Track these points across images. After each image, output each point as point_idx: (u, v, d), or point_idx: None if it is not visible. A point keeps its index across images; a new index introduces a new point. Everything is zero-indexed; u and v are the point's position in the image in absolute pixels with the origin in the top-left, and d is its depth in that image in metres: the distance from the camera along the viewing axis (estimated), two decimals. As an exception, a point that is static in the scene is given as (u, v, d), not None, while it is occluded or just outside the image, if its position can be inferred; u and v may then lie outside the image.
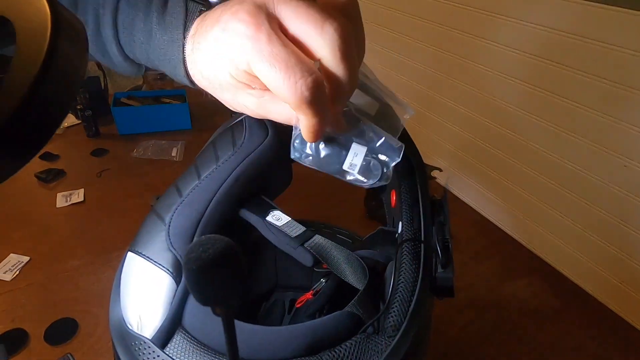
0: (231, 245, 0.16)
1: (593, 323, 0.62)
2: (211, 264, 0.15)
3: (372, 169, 0.28)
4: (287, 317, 0.49)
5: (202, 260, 0.15)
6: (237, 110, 0.30)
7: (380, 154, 0.28)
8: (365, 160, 0.28)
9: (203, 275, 0.15)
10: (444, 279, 0.29)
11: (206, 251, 0.15)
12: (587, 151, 0.62)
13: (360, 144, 0.28)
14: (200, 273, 0.15)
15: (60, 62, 0.15)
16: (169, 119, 1.00)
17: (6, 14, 0.16)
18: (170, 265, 0.29)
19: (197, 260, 0.15)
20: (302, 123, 0.24)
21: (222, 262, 0.16)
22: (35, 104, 0.14)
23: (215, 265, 0.15)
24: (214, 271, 0.15)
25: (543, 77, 0.64)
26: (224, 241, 0.16)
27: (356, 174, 0.28)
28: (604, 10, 0.54)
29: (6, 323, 0.55)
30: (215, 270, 0.16)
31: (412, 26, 0.85)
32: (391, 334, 0.26)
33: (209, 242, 0.16)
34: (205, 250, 0.15)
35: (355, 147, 0.28)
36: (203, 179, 0.34)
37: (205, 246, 0.16)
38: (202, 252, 0.15)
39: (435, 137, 0.89)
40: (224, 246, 0.16)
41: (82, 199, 0.78)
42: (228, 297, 0.16)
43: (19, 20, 0.15)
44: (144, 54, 0.31)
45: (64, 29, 0.15)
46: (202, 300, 0.16)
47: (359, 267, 0.35)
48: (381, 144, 0.27)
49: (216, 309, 0.17)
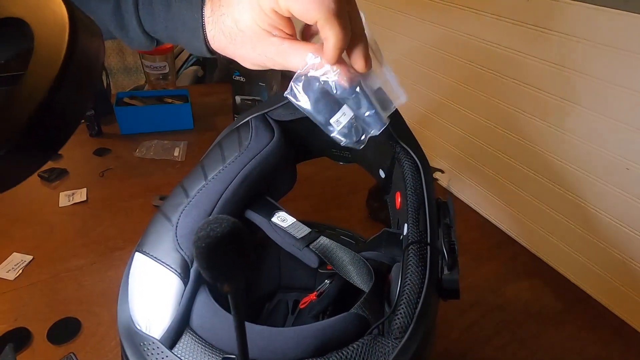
0: (238, 225, 0.17)
1: (595, 326, 0.62)
2: (220, 242, 0.16)
3: (352, 132, 0.31)
4: (291, 317, 0.49)
5: (211, 238, 0.16)
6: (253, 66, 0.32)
7: (364, 122, 0.31)
8: (350, 122, 0.31)
9: (212, 252, 0.16)
10: (450, 281, 0.30)
11: (214, 230, 0.16)
12: (589, 153, 0.62)
13: (351, 108, 0.31)
14: (209, 250, 0.16)
15: (77, 67, 0.15)
16: (172, 119, 1.00)
17: (24, 16, 0.16)
18: (177, 265, 0.29)
19: (206, 238, 0.16)
20: (330, 41, 0.26)
21: (230, 240, 0.16)
22: (52, 109, 0.14)
23: (223, 243, 0.16)
24: (222, 248, 0.16)
25: (545, 79, 0.64)
26: (231, 220, 0.16)
27: (337, 129, 0.31)
28: (594, 11, 0.55)
29: (10, 322, 0.55)
30: (224, 247, 0.16)
31: (415, 27, 0.86)
32: (398, 335, 0.27)
33: (217, 222, 0.16)
34: (213, 229, 0.16)
35: (345, 109, 0.31)
36: (210, 180, 0.34)
37: (213, 225, 0.16)
38: (211, 230, 0.16)
39: (437, 138, 0.89)
40: (231, 225, 0.16)
41: (85, 198, 0.78)
42: (236, 274, 0.17)
43: (37, 23, 0.15)
44: (163, 24, 0.32)
45: (81, 33, 0.15)
46: (211, 277, 0.17)
47: (365, 269, 0.35)
48: (370, 115, 0.31)
49: (225, 287, 0.17)
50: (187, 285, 0.29)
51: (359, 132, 0.31)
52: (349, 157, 0.47)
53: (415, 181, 0.35)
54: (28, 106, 0.14)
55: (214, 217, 0.17)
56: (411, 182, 0.35)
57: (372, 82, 0.31)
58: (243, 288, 0.18)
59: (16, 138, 0.14)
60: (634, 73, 0.54)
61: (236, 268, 0.17)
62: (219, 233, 0.16)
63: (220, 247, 0.16)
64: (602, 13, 0.55)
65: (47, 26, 0.15)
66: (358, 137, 0.31)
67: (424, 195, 0.34)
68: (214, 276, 0.17)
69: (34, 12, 0.16)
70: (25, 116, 0.14)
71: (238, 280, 0.17)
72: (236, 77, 0.93)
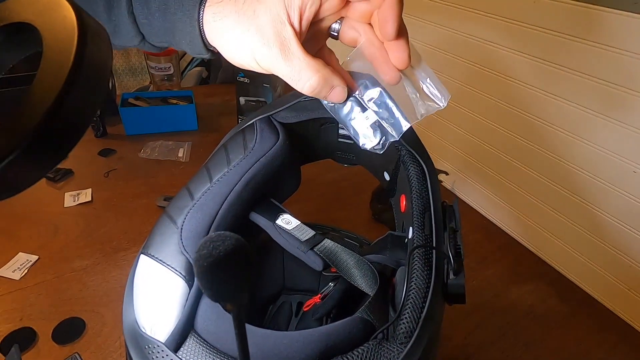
0: (241, 243, 0.16)
1: (601, 329, 0.61)
2: (222, 261, 0.16)
3: (370, 136, 0.32)
4: (295, 320, 0.49)
5: (213, 257, 0.15)
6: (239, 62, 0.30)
7: (386, 127, 0.31)
8: (372, 126, 0.31)
9: (214, 271, 0.16)
10: (456, 286, 0.29)
11: (217, 248, 0.16)
12: (595, 156, 0.61)
13: (375, 112, 0.31)
14: (211, 270, 0.15)
15: (86, 71, 0.15)
16: (176, 120, 1.00)
17: (33, 21, 0.16)
18: (182, 268, 0.29)
19: (208, 257, 0.15)
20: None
21: (232, 259, 0.16)
22: (61, 113, 0.14)
23: (225, 262, 0.16)
24: (224, 268, 0.16)
25: (551, 81, 0.64)
26: (234, 238, 0.16)
27: (358, 131, 0.32)
28: (600, 12, 0.54)
29: (15, 322, 0.55)
30: (226, 267, 0.16)
31: (419, 29, 0.85)
32: (403, 340, 0.26)
33: (220, 239, 0.16)
34: (215, 247, 0.16)
35: (369, 113, 0.31)
36: (215, 183, 0.34)
37: (215, 243, 0.16)
38: (213, 249, 0.16)
39: (441, 140, 0.88)
40: (234, 243, 0.16)
41: (90, 198, 0.78)
42: (238, 294, 0.16)
43: (45, 28, 0.15)
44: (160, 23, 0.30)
45: (90, 39, 0.15)
46: (213, 296, 0.16)
47: (369, 272, 0.35)
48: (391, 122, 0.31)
49: (227, 306, 0.17)
50: (192, 288, 0.29)
51: (378, 135, 0.31)
52: (353, 160, 0.47)
53: (420, 184, 0.35)
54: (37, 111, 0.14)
55: (216, 234, 0.16)
56: (416, 185, 0.35)
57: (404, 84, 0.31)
58: (245, 306, 0.17)
59: (26, 142, 0.14)
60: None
61: (239, 287, 0.16)
62: (222, 252, 0.16)
63: (223, 267, 0.16)
64: (609, 16, 0.55)
65: (55, 31, 0.15)
66: (379, 141, 0.31)
67: (429, 199, 0.34)
68: (216, 296, 0.16)
69: (43, 16, 0.16)
70: (34, 121, 0.14)
71: (240, 299, 0.17)
72: (240, 79, 0.93)
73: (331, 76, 0.28)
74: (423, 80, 0.31)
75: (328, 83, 0.28)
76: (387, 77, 0.30)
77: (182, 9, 0.29)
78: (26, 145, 0.14)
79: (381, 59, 0.29)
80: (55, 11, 0.15)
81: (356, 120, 0.31)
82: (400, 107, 0.31)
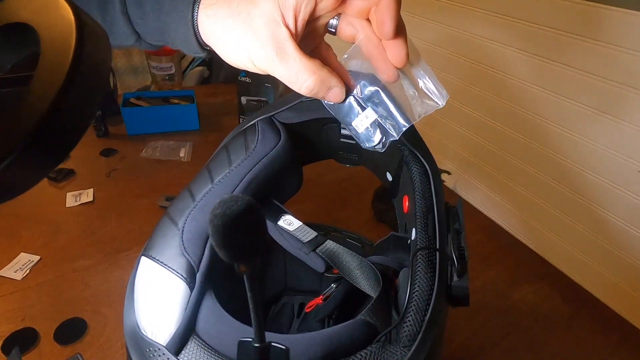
0: (253, 203, 0.17)
1: (604, 330, 0.61)
2: (235, 219, 0.16)
3: (370, 135, 0.32)
4: (297, 321, 0.48)
5: (226, 217, 0.16)
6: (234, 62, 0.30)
7: (386, 126, 0.31)
8: (372, 126, 0.31)
9: (227, 231, 0.16)
10: (460, 288, 0.29)
11: (230, 208, 0.16)
12: (599, 156, 0.61)
13: (375, 111, 0.31)
14: (225, 229, 0.16)
15: (85, 71, 0.15)
16: (178, 120, 1.00)
17: (30, 21, 0.16)
18: (184, 270, 0.29)
19: (222, 216, 0.16)
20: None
21: (245, 218, 0.16)
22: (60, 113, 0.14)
23: (239, 221, 0.16)
24: (238, 226, 0.16)
25: (553, 80, 0.64)
26: (246, 199, 0.17)
27: (358, 130, 0.32)
28: (606, 11, 0.54)
29: (17, 322, 0.55)
30: (240, 225, 0.16)
31: (421, 27, 0.85)
32: (407, 343, 0.26)
33: (233, 200, 0.16)
34: (229, 207, 0.16)
35: (369, 111, 0.31)
36: (216, 184, 0.34)
37: (229, 203, 0.16)
38: (226, 208, 0.16)
39: (443, 139, 0.88)
40: (246, 203, 0.16)
41: (92, 198, 0.78)
42: (253, 253, 0.17)
43: (43, 28, 0.15)
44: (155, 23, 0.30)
45: (88, 38, 0.15)
46: (226, 256, 0.17)
47: (372, 274, 0.35)
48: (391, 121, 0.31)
49: (241, 267, 0.17)
50: (193, 290, 0.29)
51: (377, 135, 0.31)
52: (355, 160, 0.47)
53: (423, 185, 0.35)
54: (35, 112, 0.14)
55: (228, 196, 0.17)
56: (420, 186, 0.35)
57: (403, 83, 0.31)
58: (258, 268, 0.18)
59: (23, 144, 0.14)
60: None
61: (252, 246, 0.17)
62: (235, 211, 0.16)
63: (236, 225, 0.16)
64: (612, 13, 0.54)
65: (53, 31, 0.15)
66: (380, 140, 0.31)
67: (432, 200, 0.34)
68: (230, 255, 0.17)
69: (41, 16, 0.16)
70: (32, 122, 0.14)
71: (254, 259, 0.17)
72: (242, 78, 0.93)
73: (328, 77, 0.28)
74: (422, 78, 0.30)
75: (325, 84, 0.28)
76: (385, 75, 0.29)
77: (176, 9, 0.29)
78: (24, 148, 0.13)
79: (379, 57, 0.29)
80: (52, 10, 0.15)
81: (356, 120, 0.31)
82: (400, 106, 0.31)
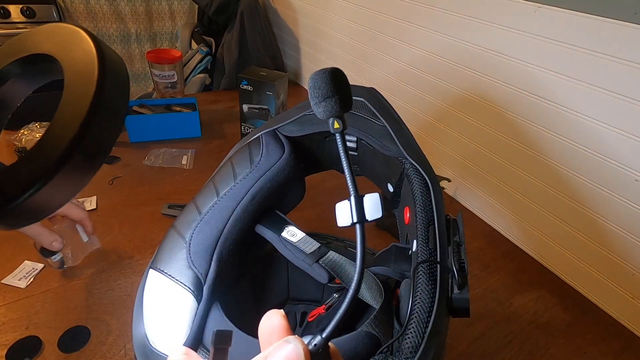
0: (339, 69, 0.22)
1: (605, 338, 0.61)
2: (334, 72, 0.21)
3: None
4: (299, 329, 0.49)
5: (326, 71, 0.21)
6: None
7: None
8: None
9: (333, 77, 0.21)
10: (460, 300, 0.30)
11: (325, 69, 0.21)
12: (597, 164, 0.62)
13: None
14: (332, 75, 0.21)
15: (107, 102, 0.15)
16: (180, 127, 1.01)
17: (54, 53, 0.16)
18: (191, 283, 0.29)
19: (322, 72, 0.21)
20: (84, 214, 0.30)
21: (339, 73, 0.22)
22: (83, 143, 0.15)
23: (336, 73, 0.21)
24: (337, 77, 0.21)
25: (551, 88, 0.64)
26: (331, 68, 0.22)
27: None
28: (601, 23, 0.55)
29: (21, 330, 0.56)
30: (341, 75, 0.22)
31: (421, 37, 0.86)
32: (409, 355, 0.27)
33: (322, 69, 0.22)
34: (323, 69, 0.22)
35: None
36: (222, 197, 0.35)
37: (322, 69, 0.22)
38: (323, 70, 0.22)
39: (443, 147, 0.89)
40: (334, 68, 0.22)
41: (95, 206, 0.78)
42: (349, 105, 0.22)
43: (67, 60, 0.16)
44: None
45: (109, 70, 0.16)
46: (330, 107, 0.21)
47: (374, 285, 0.35)
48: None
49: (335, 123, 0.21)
50: (200, 302, 0.29)
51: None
52: (357, 171, 0.48)
53: (424, 198, 0.35)
54: (61, 142, 0.15)
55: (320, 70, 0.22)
56: (420, 199, 0.35)
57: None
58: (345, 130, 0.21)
59: (50, 173, 0.14)
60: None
61: (349, 99, 0.21)
62: (329, 69, 0.21)
63: (336, 76, 0.21)
64: (607, 25, 0.55)
65: (76, 63, 0.16)
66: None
67: (433, 213, 0.34)
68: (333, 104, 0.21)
69: (64, 49, 0.16)
70: (58, 151, 0.14)
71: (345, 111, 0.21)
72: (243, 86, 0.94)
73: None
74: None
75: None
76: None
77: None
78: (50, 176, 0.14)
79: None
80: (75, 43, 0.16)
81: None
82: None
